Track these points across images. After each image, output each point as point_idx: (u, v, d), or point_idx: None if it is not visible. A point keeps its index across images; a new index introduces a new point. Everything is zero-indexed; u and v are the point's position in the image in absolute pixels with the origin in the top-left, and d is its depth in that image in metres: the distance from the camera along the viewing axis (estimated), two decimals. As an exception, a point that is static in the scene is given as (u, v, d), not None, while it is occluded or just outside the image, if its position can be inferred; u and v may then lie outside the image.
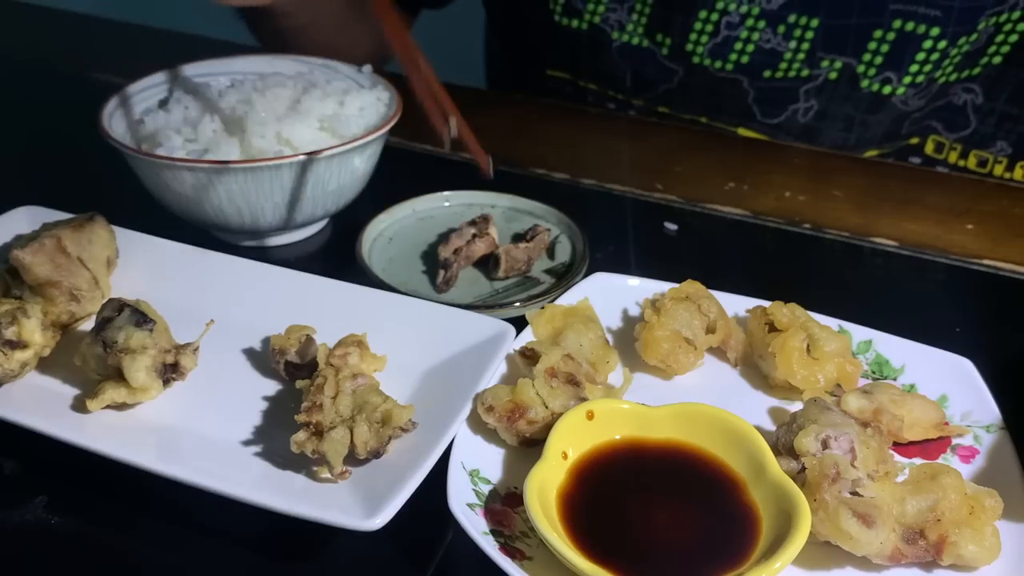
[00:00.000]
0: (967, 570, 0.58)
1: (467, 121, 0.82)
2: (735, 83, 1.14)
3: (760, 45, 1.10)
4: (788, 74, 1.11)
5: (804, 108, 1.14)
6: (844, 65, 1.09)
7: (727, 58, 1.12)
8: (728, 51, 1.12)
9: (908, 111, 1.13)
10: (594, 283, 0.79)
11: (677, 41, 1.14)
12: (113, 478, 0.62)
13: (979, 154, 1.14)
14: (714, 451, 0.62)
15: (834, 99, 1.13)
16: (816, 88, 1.12)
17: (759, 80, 1.13)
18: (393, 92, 0.93)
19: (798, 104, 1.14)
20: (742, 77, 1.13)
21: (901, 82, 1.09)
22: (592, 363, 0.71)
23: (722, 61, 1.13)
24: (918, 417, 0.66)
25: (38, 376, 0.71)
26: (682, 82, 1.17)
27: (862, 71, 1.09)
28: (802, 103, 1.13)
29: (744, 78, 1.13)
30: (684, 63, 1.15)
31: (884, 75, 1.09)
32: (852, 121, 1.14)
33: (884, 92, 1.10)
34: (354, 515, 0.56)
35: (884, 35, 1.06)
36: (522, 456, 0.64)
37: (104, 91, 0.91)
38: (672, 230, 0.97)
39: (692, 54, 1.14)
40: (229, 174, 0.80)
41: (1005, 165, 1.15)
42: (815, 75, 1.11)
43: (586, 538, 0.56)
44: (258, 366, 0.73)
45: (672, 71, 1.16)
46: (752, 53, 1.11)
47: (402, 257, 0.88)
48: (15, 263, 0.72)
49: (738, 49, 1.11)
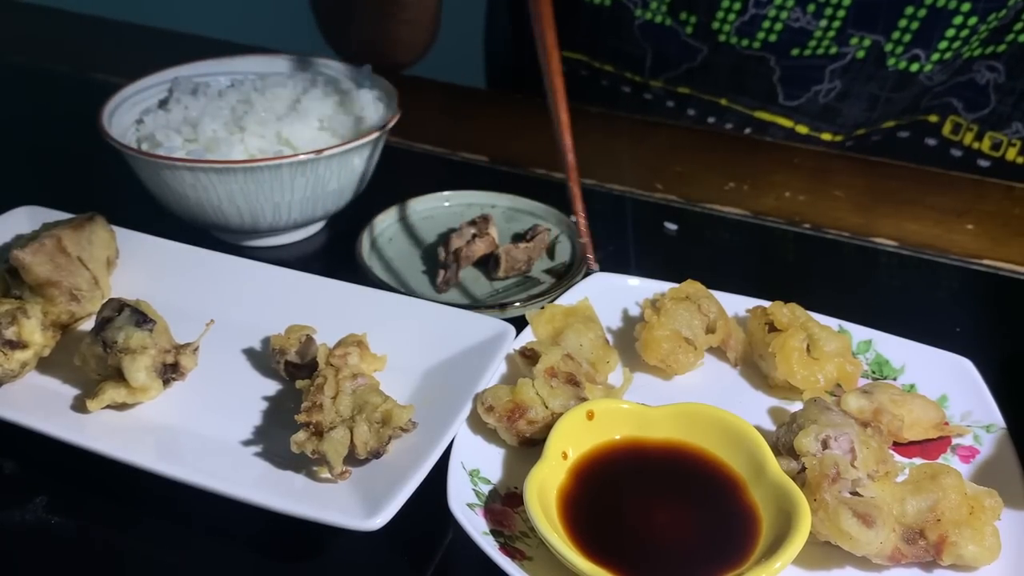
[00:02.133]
0: (967, 570, 0.58)
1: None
2: (761, 61, 1.14)
3: (789, 24, 1.09)
4: (816, 52, 1.11)
5: (827, 89, 1.13)
6: (873, 43, 1.09)
7: (754, 36, 1.12)
8: (756, 29, 1.11)
9: (931, 86, 1.13)
10: (594, 283, 0.79)
11: (703, 20, 1.13)
12: (113, 478, 0.62)
13: (994, 136, 1.13)
14: (714, 451, 0.62)
15: (859, 79, 1.12)
16: (842, 68, 1.12)
17: (786, 58, 1.13)
18: (393, 92, 0.93)
19: (821, 85, 1.13)
20: (769, 55, 1.13)
21: (929, 59, 1.08)
22: (592, 363, 0.71)
23: (749, 39, 1.12)
24: (918, 417, 0.66)
25: (38, 376, 0.71)
26: (705, 60, 1.17)
27: (890, 49, 1.09)
28: (826, 83, 1.13)
29: (771, 56, 1.13)
30: (709, 41, 1.15)
31: (912, 52, 1.08)
32: (876, 100, 1.14)
33: (912, 70, 1.10)
34: (354, 515, 0.56)
35: (915, 12, 1.05)
36: (522, 456, 0.64)
37: (104, 91, 0.91)
38: (672, 230, 0.97)
39: (719, 32, 1.13)
40: (229, 174, 0.80)
41: (1019, 149, 1.14)
42: (843, 53, 1.10)
43: (586, 538, 0.56)
44: (258, 366, 0.73)
45: (696, 49, 1.16)
46: (780, 32, 1.10)
47: (402, 257, 0.88)
48: (15, 263, 0.72)
49: (766, 27, 1.11)
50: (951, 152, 1.15)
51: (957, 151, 1.15)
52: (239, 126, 0.87)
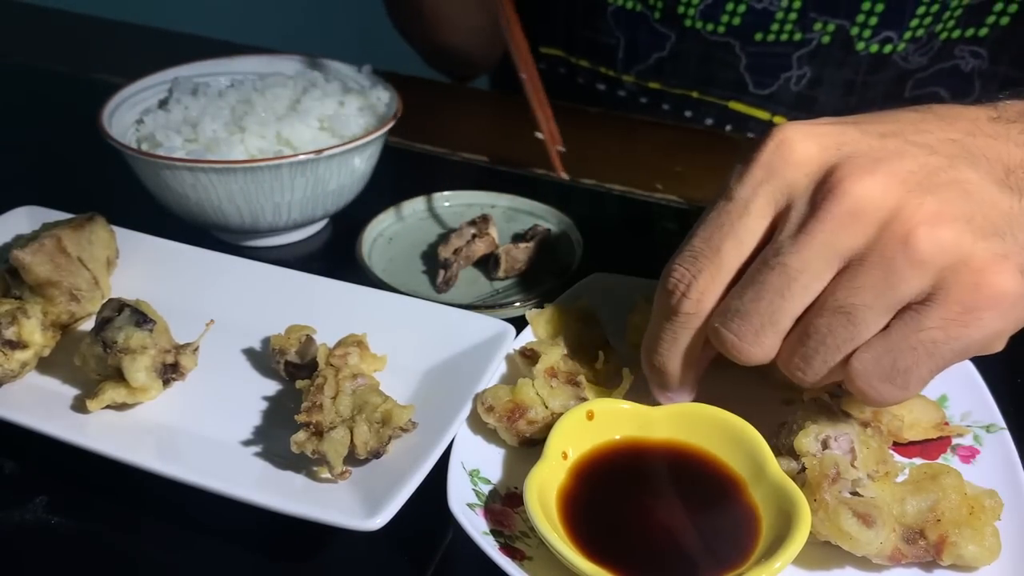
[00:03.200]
0: (967, 570, 0.58)
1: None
2: (727, 48, 1.14)
3: (751, 5, 1.09)
4: (780, 37, 1.11)
5: (797, 76, 1.13)
6: (837, 27, 1.08)
7: (719, 20, 1.12)
8: (720, 12, 1.12)
9: (910, 69, 1.12)
10: (594, 283, 0.79)
11: (669, 3, 1.14)
12: (113, 478, 0.62)
13: None
14: (714, 451, 0.62)
15: (828, 64, 1.12)
16: (809, 54, 1.12)
17: (751, 44, 1.13)
18: (393, 92, 0.93)
19: (791, 72, 1.13)
20: (734, 41, 1.13)
21: (902, 38, 1.08)
22: (592, 363, 0.71)
23: (714, 23, 1.12)
24: (918, 417, 0.66)
25: (38, 376, 0.71)
26: (674, 49, 1.17)
27: (856, 33, 1.08)
28: (795, 70, 1.12)
29: (736, 42, 1.13)
30: (676, 27, 1.15)
31: (883, 35, 1.08)
32: (852, 85, 1.13)
33: (885, 51, 1.09)
34: (354, 515, 0.56)
35: None
36: (522, 456, 0.64)
37: (104, 91, 0.91)
38: (672, 230, 0.97)
39: (684, 16, 1.14)
40: (229, 174, 0.80)
41: None
42: (808, 39, 1.10)
43: (586, 538, 0.56)
44: (258, 366, 0.73)
45: (664, 36, 1.16)
46: (744, 14, 1.11)
47: (402, 257, 0.88)
48: (15, 263, 0.72)
49: (729, 10, 1.11)
50: None
51: None
52: (239, 126, 0.87)
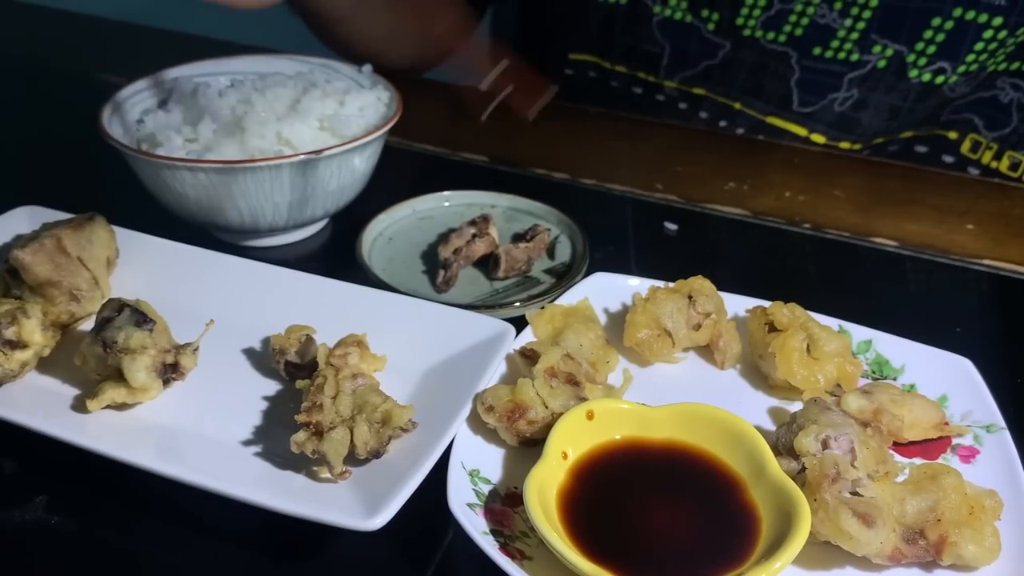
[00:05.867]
0: (967, 570, 0.58)
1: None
2: (783, 58, 1.13)
3: (815, 20, 1.09)
4: (838, 55, 1.10)
5: (844, 97, 1.13)
6: (895, 53, 1.08)
7: (780, 29, 1.12)
8: (782, 23, 1.11)
9: (952, 98, 1.12)
10: (594, 283, 0.79)
11: (726, 16, 1.13)
12: (113, 478, 0.62)
13: (1013, 155, 1.12)
14: (714, 451, 0.62)
15: (877, 88, 1.12)
16: (861, 77, 1.11)
17: (807, 57, 1.12)
18: (393, 92, 0.93)
19: (838, 93, 1.13)
20: (792, 52, 1.13)
21: (955, 71, 1.07)
22: (592, 363, 0.71)
23: (775, 32, 1.12)
24: (918, 417, 0.66)
25: (38, 376, 0.71)
26: (727, 57, 1.17)
27: (912, 60, 1.08)
28: (843, 92, 1.12)
29: (794, 53, 1.13)
30: (733, 37, 1.15)
31: (937, 64, 1.07)
32: (899, 111, 1.13)
33: (936, 82, 1.09)
34: (354, 515, 0.56)
35: (942, 24, 1.04)
36: (522, 456, 0.64)
37: (104, 91, 0.91)
38: (672, 230, 0.97)
39: (743, 27, 1.13)
40: (229, 174, 0.80)
41: None
42: (864, 61, 1.10)
43: (586, 538, 0.56)
44: (258, 366, 0.73)
45: (718, 46, 1.16)
46: (806, 26, 1.10)
47: (402, 257, 0.88)
48: (15, 263, 0.72)
49: (792, 21, 1.11)
50: (969, 171, 1.15)
51: (975, 170, 1.14)
52: (239, 126, 0.87)
